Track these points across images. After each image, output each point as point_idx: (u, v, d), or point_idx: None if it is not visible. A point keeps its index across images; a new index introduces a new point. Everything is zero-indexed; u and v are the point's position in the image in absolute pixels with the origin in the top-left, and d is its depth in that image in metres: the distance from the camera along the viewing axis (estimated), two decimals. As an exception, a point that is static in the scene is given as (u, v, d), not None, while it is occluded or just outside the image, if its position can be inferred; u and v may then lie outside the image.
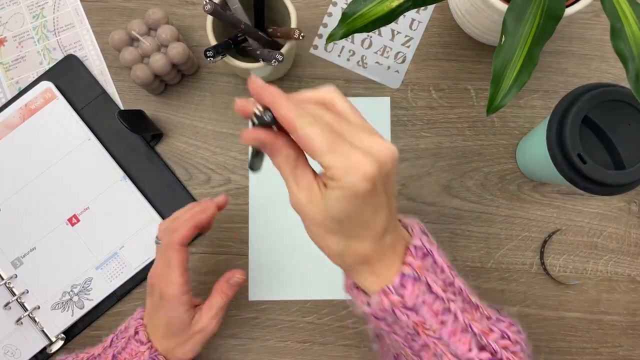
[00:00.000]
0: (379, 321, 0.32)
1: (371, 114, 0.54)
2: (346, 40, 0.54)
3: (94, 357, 0.43)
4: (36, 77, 0.54)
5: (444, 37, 0.55)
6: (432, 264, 0.32)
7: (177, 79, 0.53)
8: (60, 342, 0.50)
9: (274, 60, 0.44)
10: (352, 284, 0.34)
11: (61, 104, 0.52)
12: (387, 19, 0.38)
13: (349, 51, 0.54)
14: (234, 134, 0.54)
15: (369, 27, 0.39)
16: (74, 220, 0.52)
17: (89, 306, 0.51)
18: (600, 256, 0.53)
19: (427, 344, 0.32)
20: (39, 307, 0.51)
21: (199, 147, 0.54)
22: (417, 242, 0.32)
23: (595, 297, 0.52)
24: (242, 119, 0.54)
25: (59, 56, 0.54)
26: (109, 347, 0.43)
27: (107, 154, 0.52)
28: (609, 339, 0.52)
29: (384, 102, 0.54)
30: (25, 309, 0.51)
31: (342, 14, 0.39)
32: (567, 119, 0.40)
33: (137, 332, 0.41)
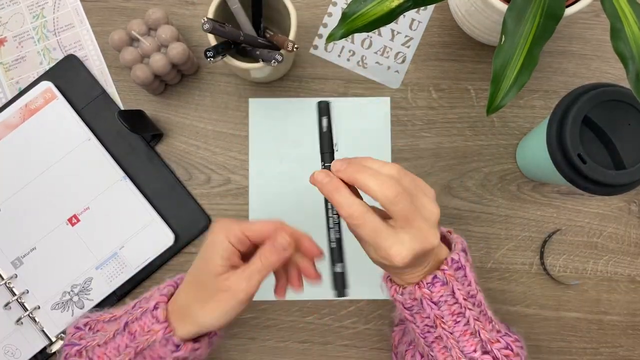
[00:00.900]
0: (405, 310, 0.39)
1: (371, 113, 0.54)
2: (346, 40, 0.54)
3: (115, 318, 0.40)
4: (36, 77, 0.54)
5: (444, 37, 0.55)
6: (463, 277, 0.38)
7: (177, 79, 0.53)
8: (60, 342, 0.50)
9: (273, 60, 0.44)
10: (389, 276, 0.40)
11: (61, 104, 0.52)
12: (387, 19, 0.38)
13: (349, 51, 0.54)
14: (234, 134, 0.54)
15: (369, 27, 0.39)
16: (74, 220, 0.52)
17: (89, 306, 0.51)
18: (600, 256, 0.53)
19: (440, 336, 0.38)
20: (39, 307, 0.51)
21: (199, 147, 0.54)
22: (455, 256, 0.38)
23: (595, 297, 0.52)
24: (242, 118, 0.54)
25: (59, 56, 0.54)
26: (130, 309, 0.40)
27: (107, 154, 0.52)
28: (609, 339, 0.52)
29: (384, 102, 0.54)
30: (25, 309, 0.51)
31: (342, 14, 0.39)
32: (567, 119, 0.40)
33: (156, 307, 0.37)
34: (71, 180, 0.52)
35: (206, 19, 0.41)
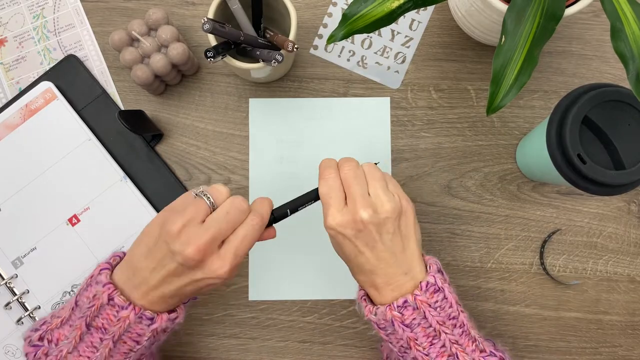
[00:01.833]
0: (380, 330, 0.39)
1: (370, 113, 0.54)
2: (346, 40, 0.54)
3: (65, 320, 0.39)
4: (36, 77, 0.54)
5: (444, 37, 0.55)
6: (443, 299, 0.38)
7: (177, 79, 0.53)
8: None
9: (273, 60, 0.44)
10: (363, 295, 0.41)
11: (61, 104, 0.52)
12: (387, 20, 0.38)
13: (349, 51, 0.54)
14: (234, 134, 0.54)
15: (370, 28, 0.39)
16: (74, 220, 0.52)
17: (89, 306, 0.51)
18: (599, 256, 0.53)
19: (416, 358, 0.38)
20: (40, 307, 0.51)
21: (199, 147, 0.54)
22: (430, 279, 0.39)
23: (594, 297, 0.52)
24: (242, 119, 0.54)
25: (60, 56, 0.54)
26: (75, 307, 0.39)
27: (108, 154, 0.52)
28: (609, 338, 0.52)
29: (383, 102, 0.54)
30: (25, 309, 0.51)
31: (343, 15, 0.39)
32: (567, 119, 0.40)
33: (111, 299, 0.37)
34: (71, 180, 0.52)
35: (206, 19, 0.41)
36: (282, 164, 0.53)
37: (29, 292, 0.51)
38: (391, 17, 0.38)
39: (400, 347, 0.39)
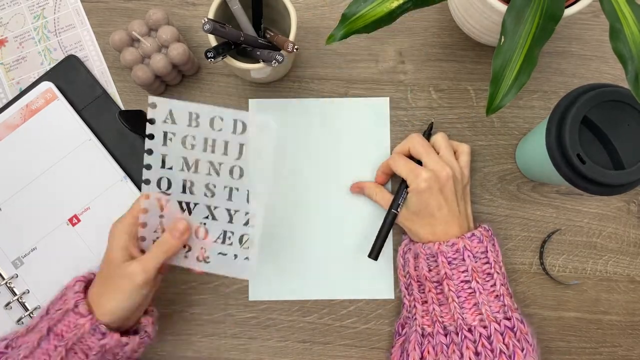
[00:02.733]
0: (447, 265, 0.44)
1: (370, 113, 0.54)
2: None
3: (32, 327, 0.42)
4: (37, 77, 0.54)
5: (444, 37, 0.55)
6: (492, 243, 0.46)
7: (177, 80, 0.53)
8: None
9: (274, 61, 0.44)
10: (417, 244, 0.47)
11: (62, 105, 0.53)
12: (387, 20, 0.39)
13: (185, 248, 0.44)
14: (234, 134, 0.54)
15: (369, 27, 0.39)
16: (74, 220, 0.52)
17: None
18: (599, 256, 0.53)
19: (474, 292, 0.43)
20: (40, 307, 0.51)
21: (200, 148, 0.54)
22: (486, 226, 0.47)
23: (594, 297, 0.52)
24: (242, 119, 0.54)
25: (60, 57, 0.54)
26: (45, 315, 0.42)
27: (108, 154, 0.52)
28: (608, 338, 0.52)
29: (383, 102, 0.54)
30: (26, 309, 0.51)
31: (342, 15, 0.39)
32: (567, 120, 0.40)
33: (76, 305, 0.41)
34: (72, 180, 0.52)
35: (207, 20, 0.41)
36: (284, 164, 0.53)
37: (29, 292, 0.51)
38: (390, 17, 0.38)
39: (460, 282, 0.43)
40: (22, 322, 0.50)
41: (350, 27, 0.39)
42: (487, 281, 0.44)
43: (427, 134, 0.52)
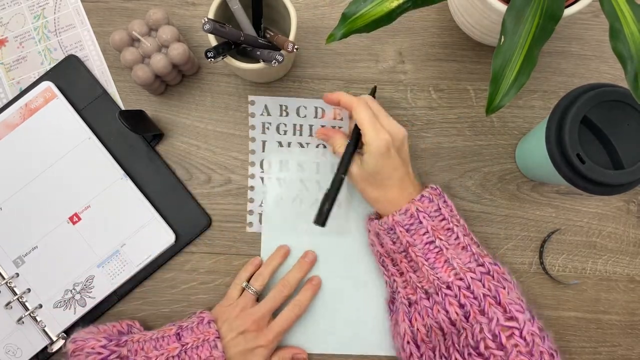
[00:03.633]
0: (405, 233, 0.44)
1: None
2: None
3: (150, 338, 0.45)
4: (37, 77, 0.54)
5: (444, 37, 0.55)
6: (444, 202, 0.46)
7: (177, 80, 0.53)
8: (61, 342, 0.50)
9: (274, 61, 0.44)
10: (372, 218, 0.49)
11: (61, 103, 0.53)
12: (386, 20, 0.39)
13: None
14: (234, 134, 0.54)
15: (369, 27, 0.39)
16: (75, 218, 0.52)
17: (91, 304, 0.51)
18: (599, 256, 0.53)
19: (440, 250, 0.44)
20: (41, 306, 0.51)
21: (200, 147, 0.54)
22: (434, 185, 0.47)
23: (594, 297, 0.52)
24: (242, 119, 0.54)
25: (60, 56, 0.54)
26: (169, 336, 0.46)
27: (107, 153, 0.53)
28: (608, 338, 0.52)
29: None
30: (26, 309, 0.51)
31: (342, 14, 0.39)
32: (566, 119, 0.40)
33: (215, 342, 0.45)
34: (72, 178, 0.52)
35: (207, 20, 0.41)
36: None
37: (30, 290, 0.51)
38: (390, 16, 0.38)
39: (424, 245, 0.44)
40: (23, 322, 0.50)
41: (350, 26, 0.39)
42: (449, 236, 0.44)
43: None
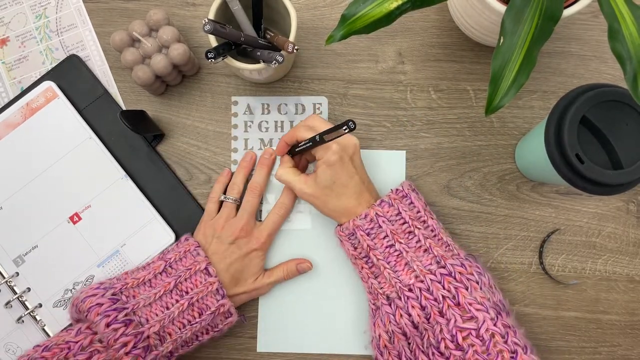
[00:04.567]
0: (366, 237, 0.45)
1: (387, 166, 0.53)
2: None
3: (143, 282, 0.46)
4: (38, 77, 0.54)
5: (443, 38, 0.55)
6: (409, 204, 0.47)
7: (178, 80, 0.54)
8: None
9: (274, 61, 0.44)
10: (337, 229, 0.48)
11: (62, 103, 0.53)
12: (386, 21, 0.39)
13: None
14: (234, 135, 0.54)
15: (369, 28, 0.39)
16: (75, 218, 0.52)
17: (90, 305, 0.51)
18: (598, 256, 0.53)
19: (400, 253, 0.44)
20: (41, 305, 0.51)
21: (200, 148, 0.54)
22: (398, 187, 0.47)
23: (594, 297, 0.53)
24: (242, 119, 0.54)
25: (62, 56, 0.55)
26: (160, 273, 0.46)
27: (108, 153, 0.53)
28: (608, 338, 0.52)
29: (399, 156, 0.53)
30: (26, 308, 0.51)
31: (342, 15, 0.39)
32: (565, 120, 0.40)
33: (207, 268, 0.46)
34: (72, 178, 0.52)
35: (207, 20, 0.42)
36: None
37: (30, 290, 0.51)
38: (390, 17, 0.38)
39: (385, 249, 0.45)
40: (22, 321, 0.51)
41: (349, 27, 0.39)
42: (410, 239, 0.45)
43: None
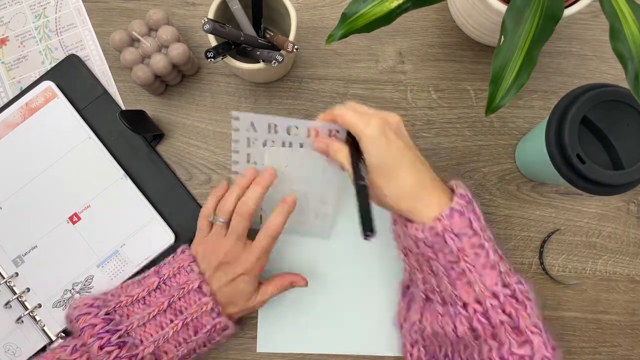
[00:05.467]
0: (427, 247, 0.39)
1: None
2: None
3: (137, 299, 0.45)
4: (38, 76, 0.54)
5: (444, 37, 0.55)
6: (473, 210, 0.40)
7: (177, 80, 0.54)
8: (60, 341, 0.50)
9: (274, 61, 0.44)
10: (397, 218, 0.42)
11: (61, 103, 0.53)
12: (386, 20, 0.39)
13: None
14: (234, 134, 0.54)
15: (369, 27, 0.39)
16: (74, 218, 0.52)
17: (89, 305, 0.51)
18: (599, 256, 0.53)
19: (463, 271, 0.38)
20: (40, 305, 0.51)
21: (200, 148, 0.54)
22: (462, 192, 0.40)
23: (594, 297, 0.52)
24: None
25: (61, 56, 0.54)
26: (154, 290, 0.45)
27: (107, 152, 0.53)
28: (608, 338, 0.52)
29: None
30: (25, 308, 0.51)
31: (342, 14, 0.39)
32: (566, 120, 0.40)
33: (200, 286, 0.45)
34: (72, 178, 0.52)
35: (207, 20, 0.41)
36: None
37: (29, 290, 0.51)
38: (390, 16, 0.38)
39: (447, 262, 0.39)
40: (22, 321, 0.50)
41: (349, 27, 0.39)
42: (478, 255, 0.38)
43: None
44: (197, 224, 0.49)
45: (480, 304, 0.38)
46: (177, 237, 0.52)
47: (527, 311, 0.38)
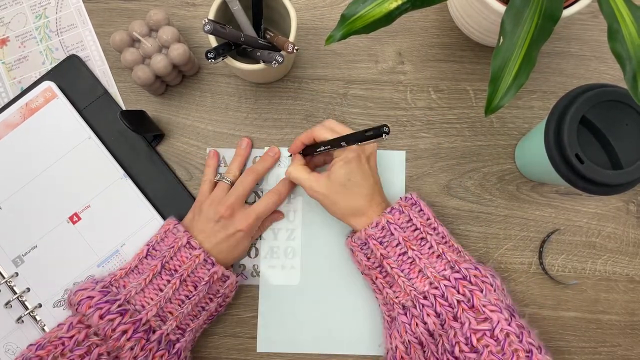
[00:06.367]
0: (379, 245, 0.45)
1: (387, 166, 0.53)
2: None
3: (130, 270, 0.46)
4: (38, 77, 0.54)
5: (443, 38, 0.55)
6: (419, 211, 0.47)
7: (178, 80, 0.54)
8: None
9: (274, 61, 0.44)
10: (350, 235, 0.49)
11: (61, 103, 0.53)
12: (385, 21, 0.39)
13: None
14: (234, 135, 0.54)
15: (368, 28, 0.39)
16: (75, 218, 0.52)
17: (89, 305, 0.51)
18: (598, 256, 0.53)
19: (413, 260, 0.44)
20: (41, 305, 0.51)
21: (200, 148, 0.54)
22: (407, 195, 0.47)
23: (593, 297, 0.53)
24: (242, 120, 0.54)
25: (62, 56, 0.55)
26: (145, 257, 0.47)
27: (107, 152, 0.53)
28: (608, 338, 0.52)
29: (399, 155, 0.53)
30: (26, 308, 0.51)
31: (341, 15, 0.39)
32: (565, 120, 0.40)
33: (189, 241, 0.46)
34: (72, 178, 0.52)
35: (207, 20, 0.42)
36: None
37: (30, 290, 0.51)
38: (389, 17, 0.38)
39: (398, 256, 0.44)
40: (22, 321, 0.50)
41: (349, 27, 0.39)
42: (422, 245, 0.44)
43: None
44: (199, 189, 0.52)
45: (436, 289, 0.42)
46: (177, 237, 0.52)
47: (483, 292, 0.41)
